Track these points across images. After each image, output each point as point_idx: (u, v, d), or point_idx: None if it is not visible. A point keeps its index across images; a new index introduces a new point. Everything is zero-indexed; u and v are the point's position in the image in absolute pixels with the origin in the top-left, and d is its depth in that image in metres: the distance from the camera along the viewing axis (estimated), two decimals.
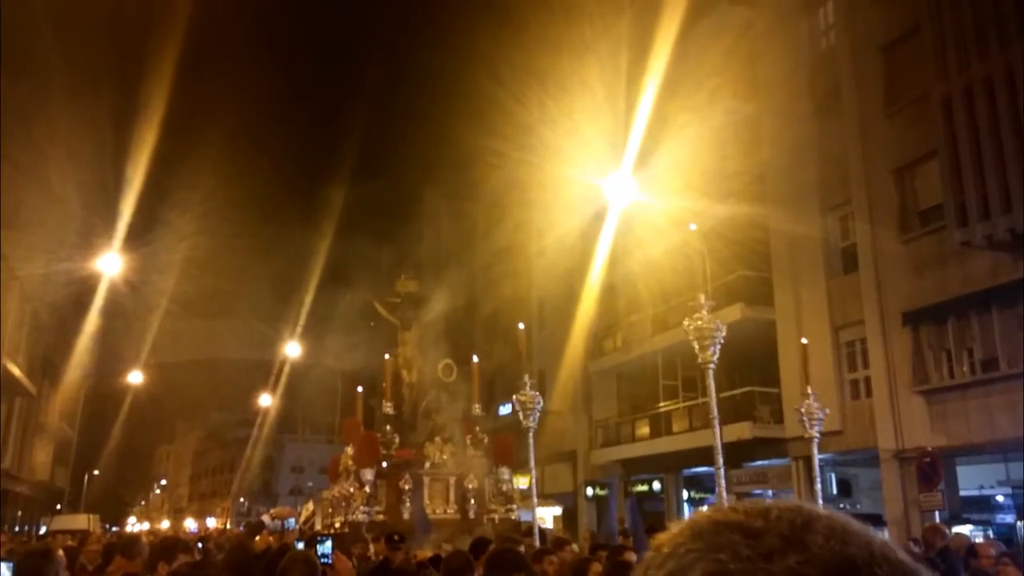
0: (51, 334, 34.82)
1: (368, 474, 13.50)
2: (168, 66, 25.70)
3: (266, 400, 49.22)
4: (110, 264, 25.43)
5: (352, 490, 13.57)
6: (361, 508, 13.18)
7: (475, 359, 14.64)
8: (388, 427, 14.53)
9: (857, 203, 18.58)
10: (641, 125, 21.46)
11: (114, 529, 50.47)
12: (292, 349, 38.11)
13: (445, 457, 14.10)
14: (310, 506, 19.33)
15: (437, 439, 14.22)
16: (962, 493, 16.88)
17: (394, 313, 16.34)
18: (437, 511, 13.38)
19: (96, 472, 59.45)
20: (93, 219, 28.38)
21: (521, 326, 9.92)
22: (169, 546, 7.73)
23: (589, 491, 27.91)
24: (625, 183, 19.34)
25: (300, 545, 11.32)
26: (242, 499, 65.78)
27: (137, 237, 27.60)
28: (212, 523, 54.95)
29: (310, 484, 56.49)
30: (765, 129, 21.16)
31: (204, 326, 49.81)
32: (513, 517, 13.93)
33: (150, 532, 39.64)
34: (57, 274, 27.63)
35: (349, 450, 14.85)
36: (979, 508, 16.91)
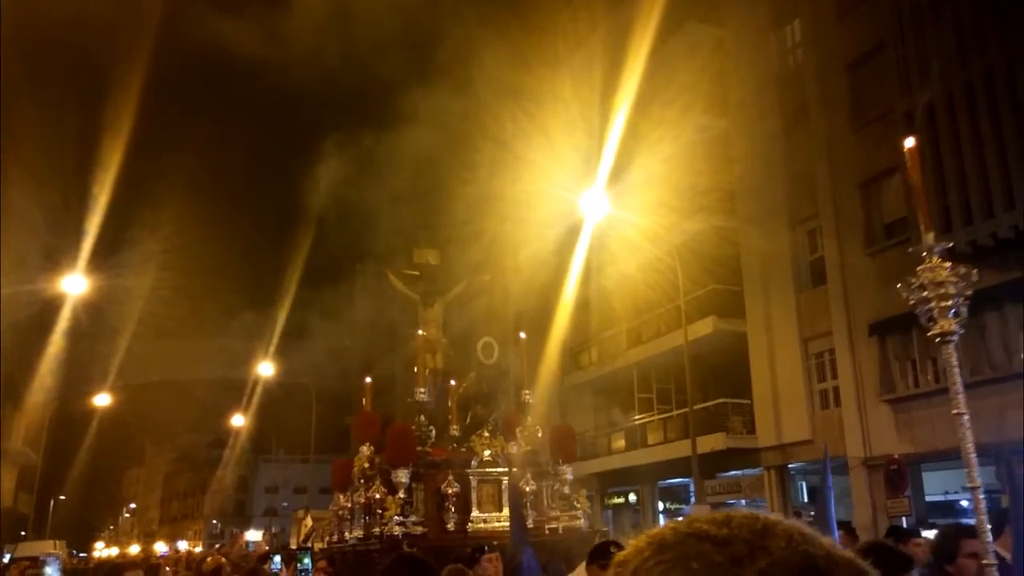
0: (14, 357, 34.26)
1: (403, 476, 11.02)
2: (135, 82, 25.60)
3: (239, 420, 48.80)
4: (75, 285, 25.17)
5: (377, 496, 11.09)
6: (396, 518, 10.67)
7: (522, 335, 12.95)
8: (423, 418, 12.26)
9: (824, 217, 19.02)
10: (614, 141, 21.81)
11: (81, 555, 49.50)
12: (265, 368, 37.89)
13: (497, 453, 11.81)
14: (309, 522, 17.57)
15: (485, 432, 11.91)
16: (928, 499, 17.24)
17: (413, 287, 13.90)
18: (489, 520, 11.18)
19: (62, 497, 58.42)
20: (58, 239, 28.15)
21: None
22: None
23: None
24: (599, 198, 19.63)
25: (276, 559, 11.14)
26: (215, 521, 64.90)
27: (104, 257, 27.40)
28: (183, 546, 54.13)
29: (284, 504, 55.95)
30: (735, 145, 21.61)
31: (174, 346, 49.42)
32: (579, 525, 11.81)
33: (120, 556, 39.03)
34: (20, 295, 27.28)
35: (365, 450, 12.44)
36: (945, 513, 17.26)
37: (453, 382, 12.96)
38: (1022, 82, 14.00)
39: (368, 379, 14.89)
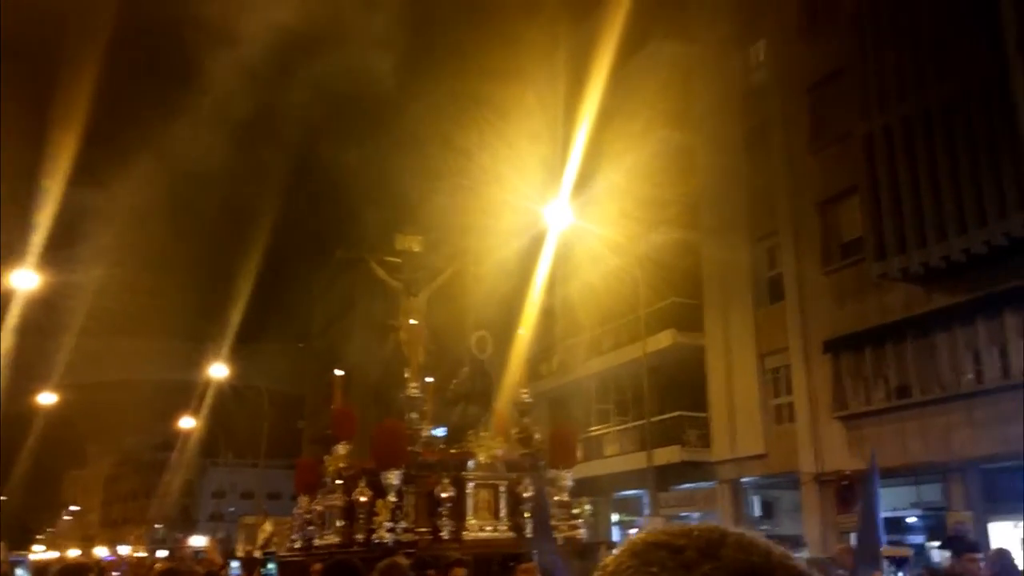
0: None
1: (394, 478, 10.26)
2: (89, 68, 24.83)
3: (187, 423, 47.88)
4: (25, 280, 24.48)
5: (362, 499, 10.31)
6: (386, 524, 10.00)
7: (520, 331, 12.79)
8: (415, 415, 11.48)
9: (783, 234, 19.34)
10: (578, 153, 21.94)
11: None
12: (217, 370, 37.28)
13: (497, 455, 11.03)
14: (268, 527, 16.96)
15: (483, 433, 11.28)
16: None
17: (396, 275, 12.92)
18: (485, 528, 10.58)
19: (2, 497, 56.69)
20: (4, 234, 27.32)
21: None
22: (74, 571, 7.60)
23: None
24: (563, 209, 19.72)
25: (235, 564, 10.86)
26: (158, 525, 63.45)
27: (53, 251, 26.68)
28: (125, 551, 52.84)
29: (231, 509, 54.96)
30: (698, 160, 21.89)
31: (120, 345, 48.30)
32: (579, 535, 11.19)
33: (59, 560, 37.90)
34: None
35: (342, 448, 11.63)
36: (892, 529, 17.50)
37: (430, 379, 12.36)
38: (977, 110, 14.41)
39: (339, 372, 14.50)
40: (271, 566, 7.17)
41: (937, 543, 16.12)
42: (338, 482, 11.19)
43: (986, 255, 14.39)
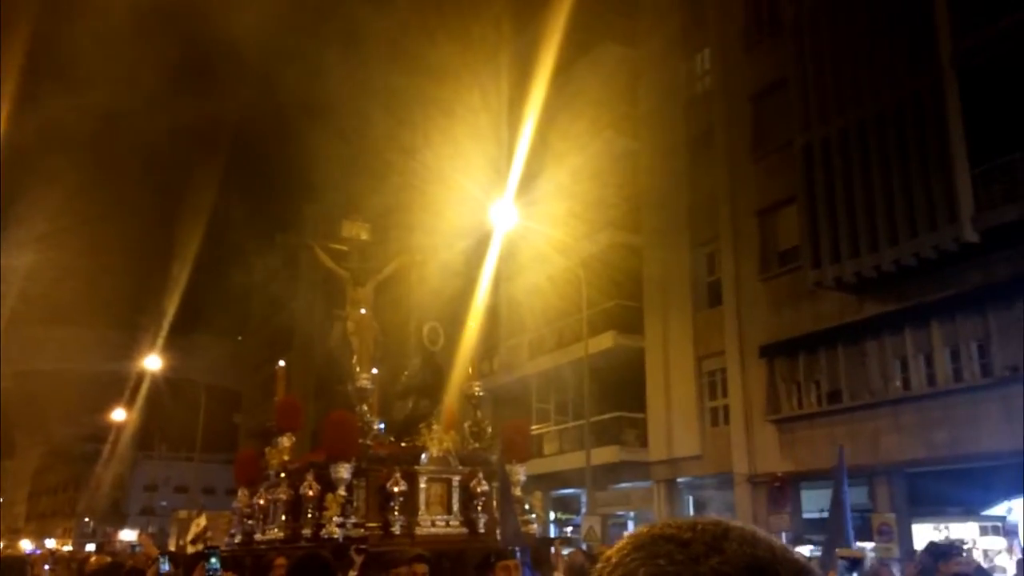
0: None
1: (344, 471, 9.98)
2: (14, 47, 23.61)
3: (120, 414, 46.69)
4: None
5: (310, 493, 10.03)
6: (336, 519, 9.71)
7: (470, 323, 12.57)
8: (365, 408, 11.16)
9: (723, 240, 19.71)
10: (523, 153, 22.01)
11: None
12: (152, 361, 36.46)
13: (448, 448, 10.81)
14: (202, 521, 15.78)
15: (435, 426, 11.00)
16: (804, 515, 18.06)
17: (342, 264, 12.45)
18: (437, 523, 10.37)
19: None
20: None
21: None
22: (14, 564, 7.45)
23: None
24: (508, 209, 19.76)
25: (163, 561, 10.48)
26: (87, 519, 61.80)
27: None
28: (51, 544, 51.32)
29: (163, 503, 53.81)
30: (641, 163, 22.15)
31: (53, 333, 46.91)
32: (532, 530, 11.02)
33: None
34: None
35: (286, 440, 11.43)
36: (820, 530, 18.09)
37: (375, 370, 11.98)
38: (911, 124, 14.87)
39: (282, 363, 13.99)
40: (214, 560, 6.92)
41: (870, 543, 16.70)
42: (282, 475, 10.89)
43: (915, 267, 14.87)
